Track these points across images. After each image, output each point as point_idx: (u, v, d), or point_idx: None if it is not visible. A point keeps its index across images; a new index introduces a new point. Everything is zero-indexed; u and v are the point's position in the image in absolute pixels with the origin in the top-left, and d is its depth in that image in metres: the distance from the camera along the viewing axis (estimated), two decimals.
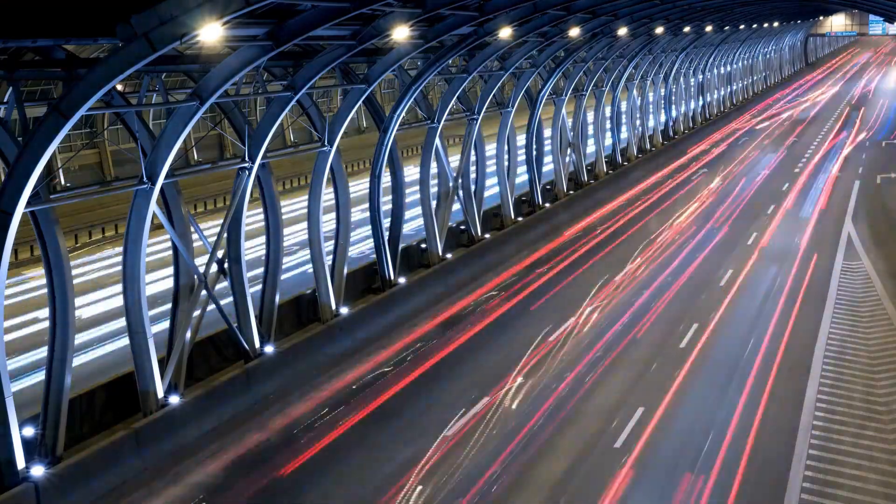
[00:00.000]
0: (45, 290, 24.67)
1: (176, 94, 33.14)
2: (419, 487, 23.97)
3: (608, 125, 70.43)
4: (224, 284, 30.66)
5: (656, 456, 25.18)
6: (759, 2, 67.48)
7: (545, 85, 54.00)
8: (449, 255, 42.83)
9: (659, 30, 59.91)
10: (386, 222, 38.83)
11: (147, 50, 21.44)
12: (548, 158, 56.90)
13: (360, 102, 35.47)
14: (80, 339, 32.23)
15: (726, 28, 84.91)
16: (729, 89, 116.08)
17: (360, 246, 46.81)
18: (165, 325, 28.80)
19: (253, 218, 37.74)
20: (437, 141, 42.26)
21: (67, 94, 21.94)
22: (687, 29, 69.42)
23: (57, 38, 22.90)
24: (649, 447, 25.65)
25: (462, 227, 46.65)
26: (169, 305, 28.58)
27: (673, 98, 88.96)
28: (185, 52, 28.13)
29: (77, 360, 26.81)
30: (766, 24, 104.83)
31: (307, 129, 36.36)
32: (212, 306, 29.20)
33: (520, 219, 51.31)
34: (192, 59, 28.68)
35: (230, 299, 30.46)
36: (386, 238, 38.28)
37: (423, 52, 36.53)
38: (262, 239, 32.38)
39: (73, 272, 24.49)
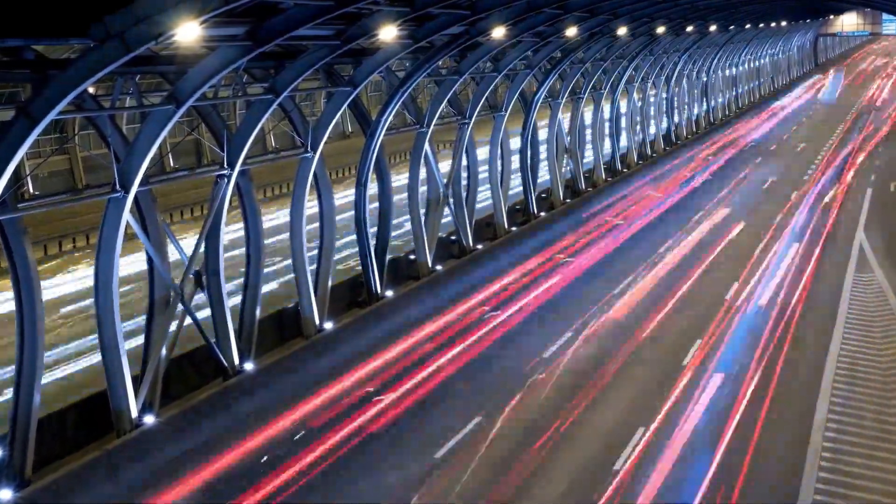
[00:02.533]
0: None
1: (151, 97, 33.17)
2: None
3: (607, 130, 70.66)
4: (202, 298, 30.72)
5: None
6: (764, 0, 67.83)
7: (541, 87, 54.20)
8: (439, 267, 42.93)
9: (660, 29, 60.19)
10: (372, 232, 38.92)
11: (121, 50, 21.54)
12: (543, 165, 57.08)
13: (345, 106, 35.61)
14: None
15: (731, 28, 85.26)
16: (735, 92, 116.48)
17: (345, 256, 46.89)
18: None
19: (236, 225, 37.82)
20: (427, 146, 42.39)
21: (37, 96, 22.03)
22: (690, 28, 69.74)
23: (27, 38, 22.95)
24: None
25: (453, 238, 46.77)
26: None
27: (675, 101, 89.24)
28: (160, 52, 28.19)
29: None
30: (773, 24, 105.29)
31: (289, 133, 36.44)
32: (189, 321, 29.26)
33: (514, 228, 51.45)
34: (168, 61, 28.77)
35: (208, 313, 30.50)
36: (372, 249, 38.38)
37: (412, 52, 36.68)
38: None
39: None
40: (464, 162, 46.77)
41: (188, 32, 21.88)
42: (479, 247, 46.98)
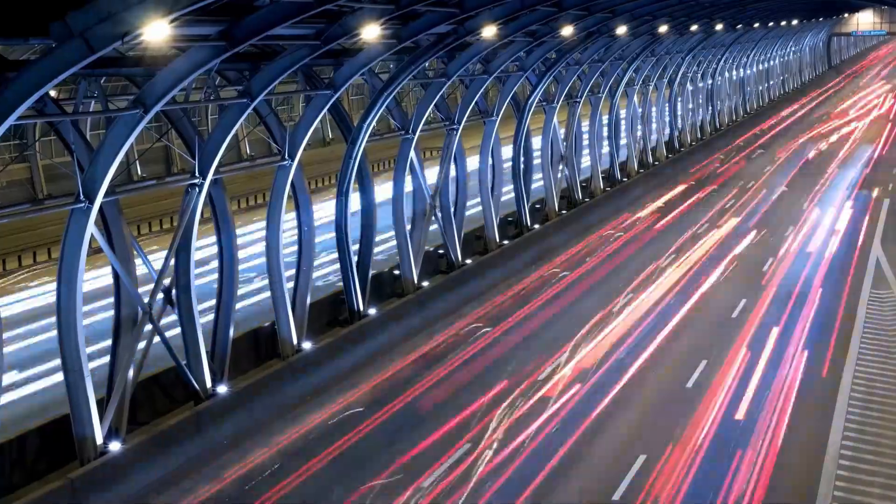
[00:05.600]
0: None
1: (117, 100, 33.19)
2: None
3: (605, 136, 70.73)
4: (172, 316, 30.73)
5: None
6: None
7: (534, 91, 54.31)
8: (425, 283, 42.97)
9: (662, 29, 60.35)
10: (354, 246, 38.94)
11: (84, 51, 21.57)
12: (537, 174, 57.17)
13: (325, 110, 35.68)
14: None
15: (739, 27, 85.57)
16: (741, 96, 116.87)
17: (325, 271, 46.92)
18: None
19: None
20: (413, 154, 42.46)
21: None
22: (694, 28, 69.94)
23: None
24: None
25: (440, 251, 46.79)
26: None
27: (678, 106, 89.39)
28: (127, 53, 28.29)
29: None
30: (783, 23, 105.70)
31: (265, 140, 36.54)
32: (157, 341, 29.26)
33: (505, 242, 51.49)
34: (135, 62, 28.85)
35: (178, 333, 30.51)
36: (354, 263, 38.40)
37: (397, 53, 36.78)
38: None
39: None
40: (452, 170, 46.85)
41: (157, 32, 21.89)
42: (469, 261, 46.99)
